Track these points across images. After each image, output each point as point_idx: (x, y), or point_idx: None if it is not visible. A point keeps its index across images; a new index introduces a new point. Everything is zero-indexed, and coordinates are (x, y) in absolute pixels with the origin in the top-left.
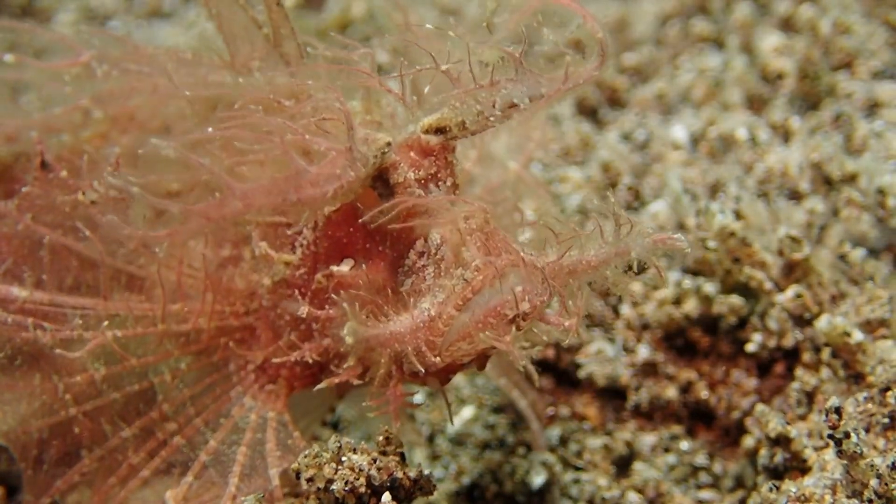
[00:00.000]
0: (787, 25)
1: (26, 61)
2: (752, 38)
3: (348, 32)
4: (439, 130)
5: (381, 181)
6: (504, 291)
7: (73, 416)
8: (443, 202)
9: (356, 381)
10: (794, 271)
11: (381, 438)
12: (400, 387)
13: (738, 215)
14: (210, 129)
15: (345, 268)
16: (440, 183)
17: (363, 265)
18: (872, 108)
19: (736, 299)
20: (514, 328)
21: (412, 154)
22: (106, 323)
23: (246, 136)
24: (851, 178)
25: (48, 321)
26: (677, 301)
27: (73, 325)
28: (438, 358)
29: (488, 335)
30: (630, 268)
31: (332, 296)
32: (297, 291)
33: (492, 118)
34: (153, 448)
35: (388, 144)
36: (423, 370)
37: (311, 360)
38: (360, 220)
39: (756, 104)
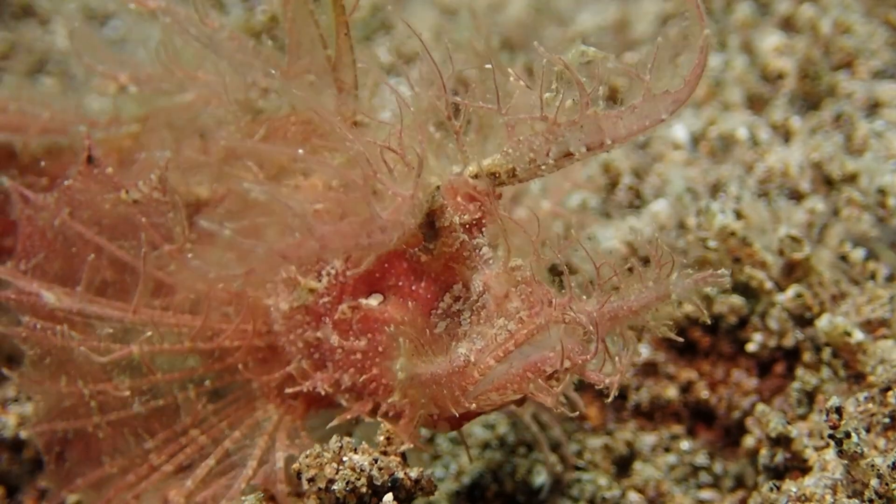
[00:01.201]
0: (788, 25)
1: None
2: (752, 37)
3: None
4: (488, 176)
5: (427, 223)
6: (546, 348)
7: (96, 425)
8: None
9: (368, 419)
10: (794, 271)
11: (382, 438)
12: (413, 426)
13: (739, 215)
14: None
15: (373, 302)
16: (485, 229)
17: (392, 301)
18: (873, 107)
19: (736, 299)
20: (552, 383)
21: (458, 198)
22: (136, 338)
23: (331, 171)
24: (852, 178)
25: (76, 329)
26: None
27: (100, 335)
28: (474, 404)
29: (534, 388)
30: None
31: (355, 327)
32: (325, 319)
33: (543, 167)
34: (174, 451)
35: (438, 189)
36: (457, 415)
37: (322, 392)
38: (398, 258)
39: (756, 104)
